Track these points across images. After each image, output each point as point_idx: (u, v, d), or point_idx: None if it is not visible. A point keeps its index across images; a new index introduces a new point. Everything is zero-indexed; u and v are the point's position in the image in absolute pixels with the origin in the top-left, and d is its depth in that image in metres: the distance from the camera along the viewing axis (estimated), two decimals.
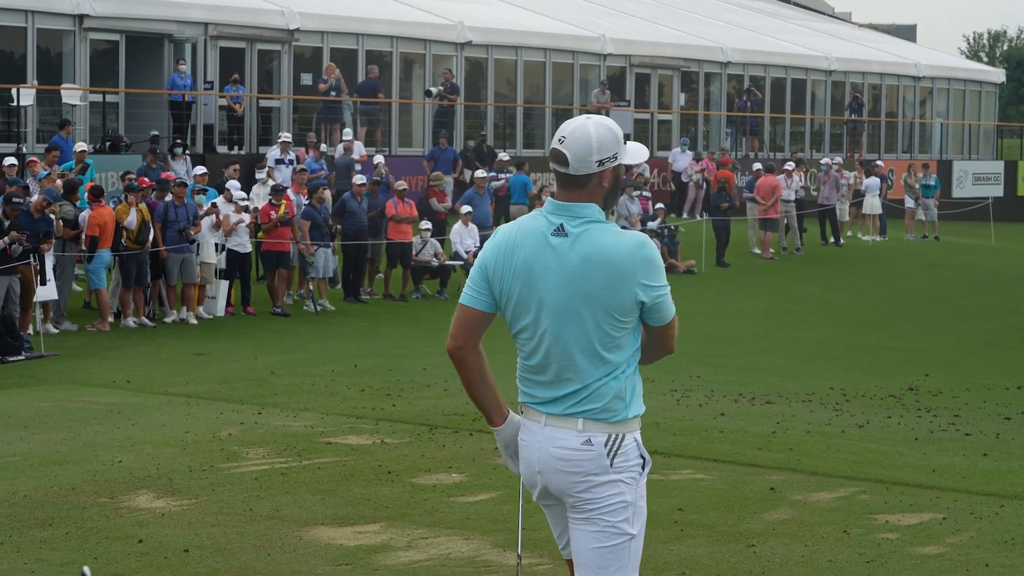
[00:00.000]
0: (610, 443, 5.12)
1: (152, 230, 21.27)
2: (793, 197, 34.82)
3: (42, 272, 18.99)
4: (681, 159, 39.19)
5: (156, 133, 28.45)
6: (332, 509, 9.87)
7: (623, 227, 29.63)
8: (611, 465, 5.11)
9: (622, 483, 5.13)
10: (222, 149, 32.08)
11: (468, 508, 9.90)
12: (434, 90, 35.15)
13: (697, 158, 39.00)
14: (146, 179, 23.05)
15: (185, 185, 22.70)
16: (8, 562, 8.40)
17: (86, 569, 2.82)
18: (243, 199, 23.10)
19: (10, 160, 23.16)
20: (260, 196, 24.94)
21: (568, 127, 5.14)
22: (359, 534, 9.18)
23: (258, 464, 11.38)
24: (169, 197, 21.96)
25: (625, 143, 5.21)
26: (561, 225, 5.10)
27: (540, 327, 5.15)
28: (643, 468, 5.19)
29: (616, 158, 5.13)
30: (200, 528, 9.32)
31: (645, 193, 32.27)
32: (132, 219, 21.09)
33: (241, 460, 11.54)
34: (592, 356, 5.10)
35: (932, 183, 40.16)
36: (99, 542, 8.93)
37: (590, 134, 5.08)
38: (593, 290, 5.06)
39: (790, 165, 35.96)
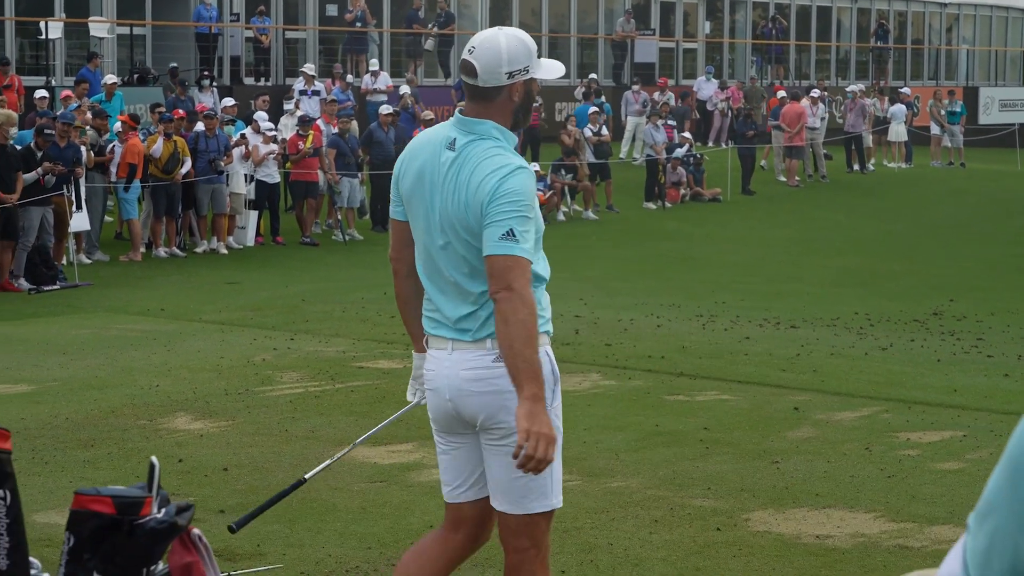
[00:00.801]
0: None
1: (183, 161, 21.47)
2: (818, 124, 34.86)
3: (77, 200, 19.22)
4: (706, 87, 39.22)
5: (175, 65, 28.60)
6: (366, 430, 10.04)
7: (648, 156, 29.98)
8: None
9: None
10: (249, 81, 32.24)
11: None
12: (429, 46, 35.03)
13: (722, 87, 39.03)
14: (180, 110, 23.25)
15: (216, 117, 22.89)
16: (54, 480, 8.67)
17: (153, 459, 3.02)
18: (271, 130, 23.29)
19: (41, 92, 23.39)
20: (288, 127, 25.12)
21: (479, 38, 4.90)
22: (392, 453, 9.44)
23: (292, 388, 11.63)
24: (201, 127, 22.17)
25: (539, 58, 4.94)
26: (454, 139, 4.89)
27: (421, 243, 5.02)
28: (555, 386, 4.93)
29: (527, 71, 4.87)
30: (238, 448, 9.58)
31: (670, 122, 32.35)
32: (158, 149, 21.29)
33: (275, 384, 11.80)
34: (474, 277, 4.89)
35: (958, 110, 40.12)
36: (140, 461, 9.18)
37: (500, 45, 4.83)
38: (458, 211, 4.83)
39: (815, 92, 35.96)
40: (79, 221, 19.55)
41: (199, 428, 10.18)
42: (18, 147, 18.54)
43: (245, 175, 22.74)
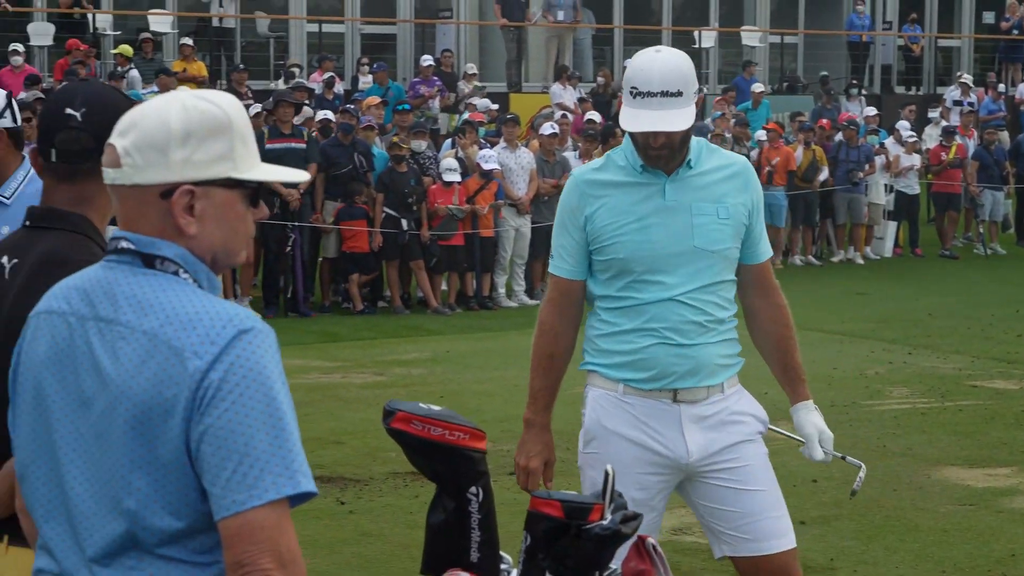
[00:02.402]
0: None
1: (822, 170, 21.58)
2: None
3: None
4: None
5: (826, 74, 28.70)
6: (966, 451, 9.89)
7: None
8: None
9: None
10: (899, 89, 31.95)
11: None
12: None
13: None
14: (823, 119, 23.40)
15: (857, 126, 22.85)
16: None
17: (609, 467, 3.14)
18: (912, 139, 23.01)
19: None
20: (932, 137, 24.73)
21: None
22: (988, 476, 9.19)
23: (899, 403, 11.53)
24: (840, 137, 22.23)
25: None
26: None
27: None
28: (592, 438, 5.00)
29: None
30: (831, 461, 9.57)
31: None
32: (799, 157, 21.50)
33: (883, 398, 11.73)
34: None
35: None
36: None
37: None
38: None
39: None
40: None
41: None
42: None
43: (885, 185, 22.59)
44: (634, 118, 4.63)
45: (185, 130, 2.68)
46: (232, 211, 2.74)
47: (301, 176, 2.96)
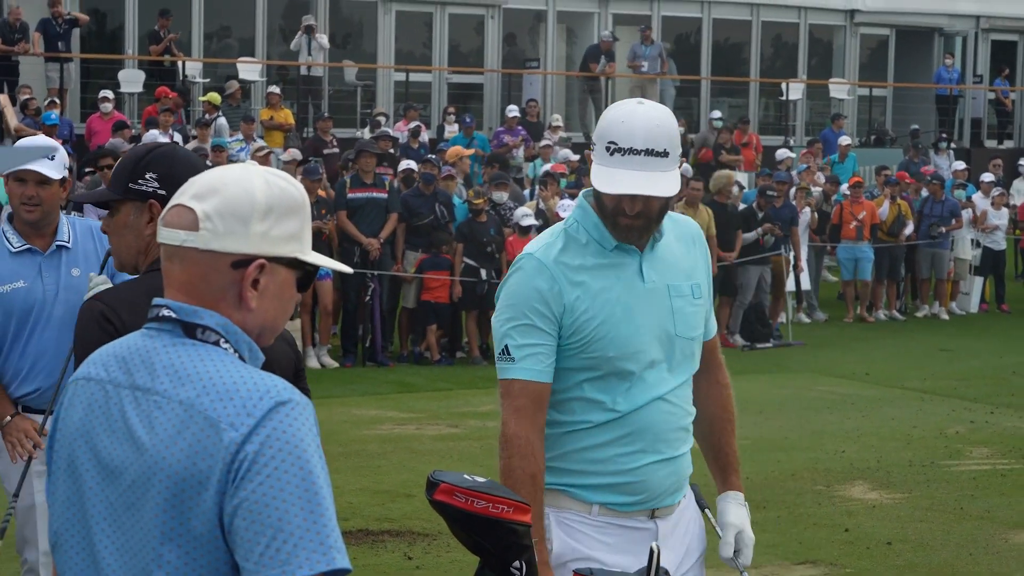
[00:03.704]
0: None
1: (907, 224, 21.40)
2: None
3: (795, 260, 19.59)
4: None
5: (916, 127, 28.50)
6: None
7: None
8: None
9: None
10: (990, 143, 31.65)
11: None
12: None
13: None
14: (906, 173, 23.23)
15: (942, 181, 22.64)
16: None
17: (654, 544, 3.11)
18: (999, 193, 22.76)
19: (784, 152, 23.95)
20: (1021, 192, 24.46)
21: None
22: None
23: (979, 464, 11.36)
24: (926, 192, 22.04)
25: None
26: None
27: None
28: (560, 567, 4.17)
29: None
30: (907, 522, 9.47)
31: None
32: (884, 211, 21.33)
33: (963, 458, 11.57)
34: None
35: None
36: (806, 528, 9.30)
37: None
38: None
39: None
40: (797, 280, 19.91)
41: (873, 499, 10.15)
42: (741, 206, 19.16)
43: (972, 240, 22.35)
44: (611, 178, 3.94)
45: (268, 204, 2.70)
46: (288, 290, 2.77)
47: (346, 268, 3.00)
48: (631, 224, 3.98)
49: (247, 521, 2.53)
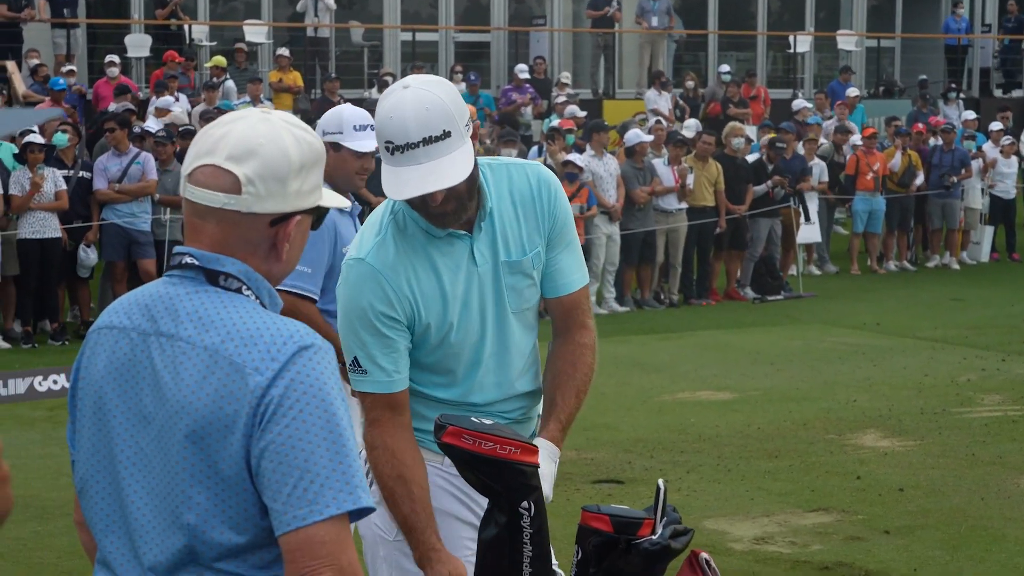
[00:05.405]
0: None
1: (917, 175, 21.39)
2: None
3: (805, 213, 19.61)
4: None
5: (924, 77, 28.42)
6: None
7: None
8: None
9: None
10: (999, 93, 31.55)
11: None
12: None
13: None
14: (918, 124, 23.20)
15: (953, 130, 22.60)
16: (732, 487, 8.99)
17: (661, 482, 3.16)
18: (1009, 142, 22.73)
19: (800, 103, 23.88)
20: None
21: None
22: None
23: (990, 410, 11.41)
24: (938, 141, 22.03)
25: None
26: None
27: None
28: None
29: None
30: (919, 469, 9.54)
31: None
32: (896, 162, 21.33)
33: (974, 405, 11.62)
34: None
35: None
36: (819, 476, 9.36)
37: None
38: None
39: None
40: (807, 233, 19.93)
41: (885, 446, 10.21)
42: (751, 158, 19.17)
43: (981, 189, 22.34)
44: (398, 181, 3.70)
45: (301, 162, 2.78)
46: (307, 233, 2.86)
47: (346, 202, 3.05)
48: (444, 211, 3.80)
49: (274, 463, 2.59)
